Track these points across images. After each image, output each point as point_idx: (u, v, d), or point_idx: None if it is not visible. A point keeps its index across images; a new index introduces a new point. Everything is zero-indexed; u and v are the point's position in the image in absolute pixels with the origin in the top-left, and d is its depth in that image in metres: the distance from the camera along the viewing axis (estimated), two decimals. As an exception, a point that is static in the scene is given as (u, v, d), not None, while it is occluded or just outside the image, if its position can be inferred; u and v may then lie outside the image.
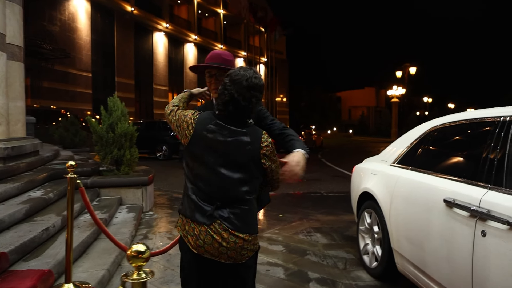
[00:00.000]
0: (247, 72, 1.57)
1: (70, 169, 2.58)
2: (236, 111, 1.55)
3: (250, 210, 1.56)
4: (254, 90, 1.56)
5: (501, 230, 1.68)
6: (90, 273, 2.91)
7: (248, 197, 1.55)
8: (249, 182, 1.55)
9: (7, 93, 5.22)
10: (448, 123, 2.56)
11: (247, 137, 1.55)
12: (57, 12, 18.64)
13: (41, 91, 17.33)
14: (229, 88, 1.54)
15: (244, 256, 1.53)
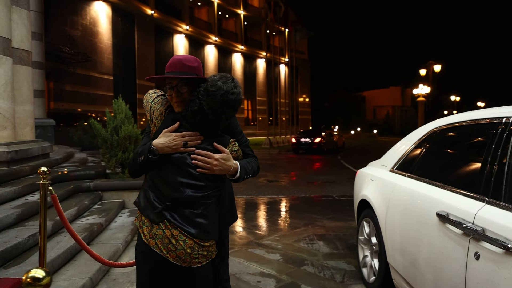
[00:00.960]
0: (225, 85, 1.48)
1: (42, 175, 2.48)
2: (203, 123, 1.51)
3: (205, 215, 1.51)
4: (227, 107, 1.49)
5: (495, 254, 1.43)
6: (71, 281, 2.82)
7: (203, 201, 1.51)
8: (206, 188, 1.52)
9: (13, 97, 5.27)
10: (448, 125, 2.30)
11: (211, 147, 1.54)
12: (78, 17, 19.12)
13: (64, 94, 17.80)
14: (202, 98, 1.48)
15: (194, 261, 1.48)
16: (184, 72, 1.61)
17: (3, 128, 4.96)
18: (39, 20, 10.95)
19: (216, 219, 1.60)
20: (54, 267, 2.96)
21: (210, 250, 1.52)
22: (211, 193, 1.54)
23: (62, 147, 10.38)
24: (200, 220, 1.49)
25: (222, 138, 1.59)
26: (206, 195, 1.51)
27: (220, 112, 1.49)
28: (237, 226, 4.96)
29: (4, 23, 5.03)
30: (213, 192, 1.55)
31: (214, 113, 1.48)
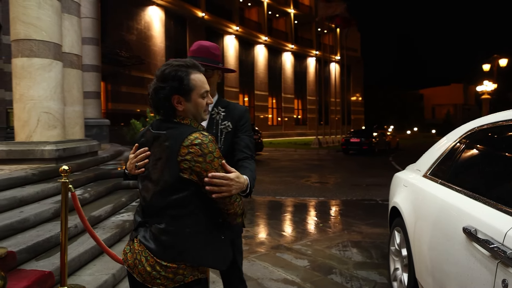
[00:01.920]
0: (163, 65, 1.44)
1: (63, 174, 2.56)
2: (151, 106, 1.42)
3: (172, 233, 1.29)
4: (156, 77, 1.39)
5: None
6: (95, 276, 2.91)
7: (168, 214, 1.31)
8: (169, 196, 1.30)
9: (63, 98, 5.62)
10: (488, 124, 2.00)
11: (165, 138, 1.34)
12: (134, 22, 20.16)
13: (120, 95, 18.88)
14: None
15: (156, 282, 1.29)
16: (211, 59, 1.79)
17: (53, 127, 5.30)
18: (96, 26, 11.67)
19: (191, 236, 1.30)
20: (81, 262, 3.07)
21: (180, 273, 1.29)
22: (182, 204, 1.30)
23: (114, 146, 10.96)
24: (163, 236, 1.29)
25: (179, 129, 1.34)
26: (174, 205, 1.30)
27: (151, 86, 1.39)
28: (268, 229, 4.85)
29: (55, 30, 5.37)
30: (184, 202, 1.30)
31: (149, 88, 1.40)
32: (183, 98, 1.36)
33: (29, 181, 4.16)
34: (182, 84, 1.35)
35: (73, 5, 6.52)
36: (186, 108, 1.38)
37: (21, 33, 5.09)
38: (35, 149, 4.98)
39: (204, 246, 1.32)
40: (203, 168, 1.27)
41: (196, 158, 1.26)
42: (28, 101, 5.10)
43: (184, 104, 1.37)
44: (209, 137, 1.30)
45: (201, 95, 1.40)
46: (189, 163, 1.26)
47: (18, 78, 5.13)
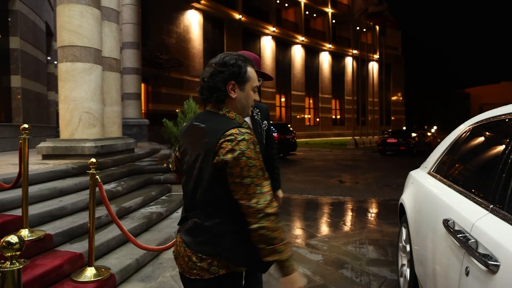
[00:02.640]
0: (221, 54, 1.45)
1: (91, 166, 2.87)
2: (200, 89, 1.41)
3: (207, 228, 1.30)
4: (214, 63, 1.39)
5: (481, 272, 1.25)
6: (120, 260, 3.20)
7: (205, 210, 1.31)
8: (202, 193, 1.31)
9: (102, 99, 6.08)
10: (482, 121, 2.03)
11: (204, 133, 1.32)
12: (173, 25, 20.96)
13: (160, 97, 19.71)
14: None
15: (192, 272, 1.31)
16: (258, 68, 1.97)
17: (92, 126, 5.76)
18: (137, 31, 12.33)
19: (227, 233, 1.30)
20: (110, 247, 3.39)
21: (215, 265, 1.29)
22: (216, 202, 1.31)
23: (152, 144, 11.54)
24: (199, 231, 1.32)
25: (220, 122, 1.33)
26: (208, 202, 1.32)
27: (208, 70, 1.39)
28: (288, 224, 4.98)
29: (96, 36, 5.84)
30: (218, 200, 1.31)
31: (204, 72, 1.40)
32: (237, 86, 1.38)
33: (69, 174, 4.59)
34: (240, 72, 1.37)
35: (113, 12, 7.02)
36: (238, 97, 1.38)
37: (65, 40, 5.59)
38: (76, 146, 5.45)
39: (239, 246, 1.30)
40: (231, 163, 1.23)
41: (227, 153, 1.24)
42: (71, 102, 5.59)
43: (238, 92, 1.38)
44: (248, 135, 1.27)
45: (253, 88, 1.43)
46: (223, 158, 1.24)
47: (62, 81, 5.64)
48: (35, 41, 9.47)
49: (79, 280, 2.72)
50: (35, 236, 2.91)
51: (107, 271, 2.88)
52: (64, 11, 5.58)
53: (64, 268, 2.79)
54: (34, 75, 9.38)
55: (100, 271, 2.84)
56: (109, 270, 2.91)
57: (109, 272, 2.89)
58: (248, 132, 1.28)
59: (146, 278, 3.12)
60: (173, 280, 3.09)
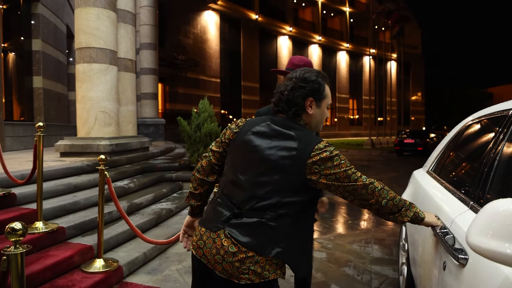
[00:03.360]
0: (301, 69, 1.48)
1: (101, 162, 3.00)
2: (276, 99, 1.45)
3: (272, 228, 1.28)
4: (294, 78, 1.43)
5: (454, 265, 1.28)
6: (129, 253, 3.34)
7: (273, 211, 1.29)
8: (280, 195, 1.30)
9: (117, 99, 6.28)
10: (475, 119, 2.04)
11: (293, 141, 1.33)
12: (191, 26, 21.25)
13: (177, 96, 20.02)
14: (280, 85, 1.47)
15: (243, 275, 1.26)
16: None
17: (108, 125, 5.96)
18: (154, 32, 12.59)
19: (291, 236, 1.31)
20: (119, 241, 3.53)
21: (267, 268, 1.27)
22: (288, 205, 1.31)
23: (168, 143, 11.76)
24: (266, 233, 1.28)
25: (308, 134, 1.37)
26: (281, 205, 1.30)
27: (287, 83, 1.42)
28: (297, 223, 5.02)
29: (112, 38, 6.03)
30: (292, 203, 1.31)
31: (283, 86, 1.43)
32: (315, 102, 1.41)
33: (84, 171, 4.78)
34: (319, 89, 1.42)
35: (128, 15, 7.23)
36: (314, 113, 1.43)
37: (83, 42, 5.81)
38: (92, 144, 5.66)
39: (295, 249, 1.32)
40: (333, 170, 1.29)
41: (325, 163, 1.28)
42: (87, 102, 5.80)
43: (314, 109, 1.42)
44: (333, 146, 1.34)
45: (328, 105, 1.48)
46: (319, 168, 1.28)
47: (80, 81, 5.86)
48: (56, 43, 9.82)
49: (88, 271, 2.86)
50: (48, 229, 3.07)
51: (115, 263, 3.01)
52: (81, 14, 5.79)
53: (74, 259, 2.94)
54: (55, 75, 9.73)
55: (108, 262, 2.98)
56: (117, 262, 3.05)
57: (117, 264, 3.02)
58: (330, 143, 1.36)
59: (153, 271, 3.25)
60: (178, 273, 3.20)
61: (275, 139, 1.36)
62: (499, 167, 1.36)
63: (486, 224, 0.74)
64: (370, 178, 1.35)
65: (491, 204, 0.76)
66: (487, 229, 0.73)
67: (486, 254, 0.73)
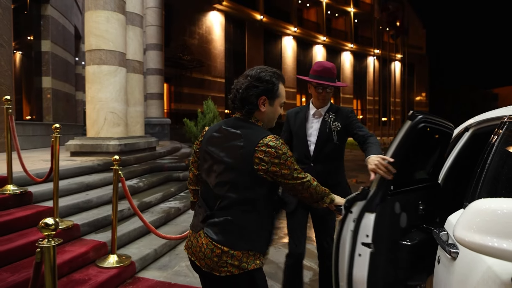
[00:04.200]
0: (259, 67, 1.56)
1: (115, 162, 3.14)
2: (232, 98, 1.54)
3: (239, 226, 1.42)
4: (249, 76, 1.51)
5: (447, 259, 1.38)
6: (140, 250, 3.48)
7: (241, 208, 1.43)
8: (238, 192, 1.43)
9: (126, 100, 6.42)
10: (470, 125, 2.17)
11: (240, 140, 1.44)
12: (196, 27, 21.41)
13: (182, 96, 20.19)
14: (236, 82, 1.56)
15: (222, 269, 1.39)
16: (333, 79, 2.36)
17: (116, 125, 6.11)
18: (160, 33, 12.74)
19: (256, 230, 1.45)
20: (131, 238, 3.67)
21: (244, 261, 1.40)
22: (251, 200, 1.43)
23: (174, 143, 11.90)
24: (236, 229, 1.42)
25: (254, 131, 1.47)
26: (243, 200, 1.42)
27: (242, 82, 1.50)
28: (302, 222, 5.14)
29: (121, 40, 6.18)
30: (253, 198, 1.43)
31: (238, 83, 1.52)
32: (268, 101, 1.51)
33: (95, 170, 4.92)
34: (273, 89, 1.50)
35: (137, 17, 7.38)
36: (266, 111, 1.52)
37: (93, 44, 5.96)
38: (101, 144, 5.80)
39: (262, 241, 1.47)
40: (278, 168, 1.41)
41: (272, 159, 1.39)
42: (97, 103, 5.95)
43: (267, 107, 1.51)
44: (281, 140, 1.43)
45: (281, 104, 1.57)
46: (266, 165, 1.39)
47: (90, 82, 6.01)
48: (65, 43, 10.00)
49: (103, 266, 3.00)
50: (64, 225, 3.22)
51: (128, 259, 3.15)
52: (91, 17, 5.94)
53: (89, 255, 3.08)
54: (63, 76, 9.91)
55: (122, 258, 3.12)
56: (130, 258, 3.19)
57: (130, 259, 3.16)
58: (278, 136, 1.47)
59: (163, 267, 3.38)
60: (188, 269, 3.34)
61: (226, 141, 1.47)
62: (489, 169, 1.48)
63: (470, 220, 0.86)
64: (306, 174, 1.52)
65: (475, 203, 0.88)
66: (471, 225, 0.85)
67: (470, 246, 0.85)
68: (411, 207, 1.77)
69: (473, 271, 1.10)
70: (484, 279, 1.00)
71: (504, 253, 0.77)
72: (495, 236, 0.78)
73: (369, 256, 1.59)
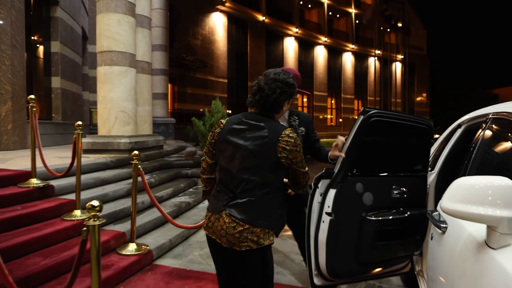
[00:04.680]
0: (277, 70, 1.79)
1: (135, 157, 3.36)
2: (261, 99, 1.72)
3: (259, 203, 1.63)
4: (279, 82, 1.71)
5: (437, 234, 1.62)
6: (156, 240, 3.70)
7: (263, 190, 1.64)
8: (262, 175, 1.64)
9: (136, 99, 6.66)
10: (463, 122, 2.39)
11: (264, 131, 1.66)
12: (199, 28, 21.65)
13: (185, 96, 20.43)
14: (259, 79, 1.76)
15: (243, 244, 1.60)
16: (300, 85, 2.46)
17: (127, 124, 6.33)
18: (164, 34, 12.98)
19: (273, 210, 1.68)
20: (146, 229, 3.89)
21: (261, 237, 1.61)
22: (269, 183, 1.65)
23: (179, 142, 12.15)
24: (255, 208, 1.63)
25: (275, 123, 1.70)
26: (264, 183, 1.64)
27: (275, 86, 1.70)
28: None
29: (131, 42, 6.41)
30: (272, 181, 1.66)
31: (270, 88, 1.70)
32: (287, 102, 1.78)
33: (108, 166, 5.16)
34: (293, 92, 1.78)
35: (145, 20, 7.61)
36: (284, 110, 1.80)
37: (104, 46, 6.18)
38: (113, 142, 6.03)
39: (278, 218, 1.70)
40: (295, 156, 1.66)
41: (292, 148, 1.64)
42: (108, 102, 6.18)
43: (285, 107, 1.79)
44: (295, 133, 1.71)
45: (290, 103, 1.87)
46: (287, 152, 1.63)
47: (101, 83, 6.24)
48: (73, 44, 10.24)
49: (123, 253, 3.22)
50: (85, 216, 3.44)
51: (146, 247, 3.38)
52: (103, 19, 6.17)
53: (110, 243, 3.30)
54: (71, 76, 10.15)
55: (140, 247, 3.34)
56: (147, 247, 3.41)
57: (148, 248, 3.38)
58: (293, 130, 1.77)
59: (178, 256, 3.61)
60: (201, 258, 3.56)
61: (249, 131, 1.68)
62: (474, 160, 1.71)
63: (453, 194, 1.08)
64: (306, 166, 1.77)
65: (457, 180, 1.10)
66: (453, 197, 1.07)
67: (453, 213, 1.07)
68: (379, 189, 2.10)
69: (459, 239, 1.32)
70: (465, 244, 1.22)
71: (479, 216, 0.99)
72: (472, 204, 1.01)
73: (329, 223, 1.99)
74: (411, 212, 2.10)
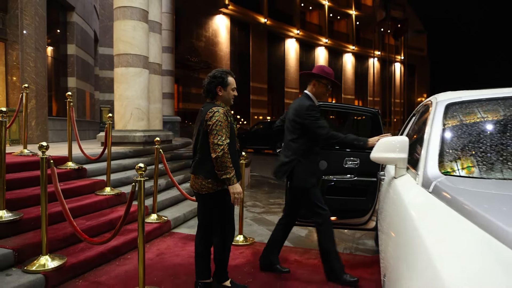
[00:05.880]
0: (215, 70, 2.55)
1: (156, 142, 4.06)
2: (204, 91, 2.53)
3: (201, 162, 2.42)
4: (209, 77, 2.48)
5: (381, 185, 2.31)
6: (172, 214, 4.40)
7: (202, 152, 2.41)
8: (200, 140, 2.43)
9: (148, 98, 7.35)
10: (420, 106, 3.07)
11: (203, 111, 2.44)
12: (203, 30, 22.39)
13: (190, 96, 21.16)
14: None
15: (203, 190, 2.42)
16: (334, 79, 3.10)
17: (141, 119, 7.03)
18: (171, 37, 13.69)
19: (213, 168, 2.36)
20: (164, 206, 4.59)
21: (210, 186, 2.39)
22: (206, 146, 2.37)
23: (184, 138, 12.84)
24: (200, 165, 2.43)
25: (210, 105, 2.42)
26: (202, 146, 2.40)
27: (206, 80, 2.49)
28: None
29: (145, 46, 7.11)
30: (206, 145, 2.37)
31: (208, 84, 2.48)
32: (222, 88, 2.46)
33: (127, 156, 5.85)
34: (223, 81, 2.46)
35: (156, 25, 8.31)
36: (223, 95, 2.47)
37: (121, 49, 6.88)
38: (128, 135, 6.72)
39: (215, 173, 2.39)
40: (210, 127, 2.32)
41: (209, 121, 2.33)
42: (124, 100, 6.87)
43: (222, 92, 2.46)
44: (223, 110, 2.36)
45: (232, 88, 2.51)
46: (206, 123, 2.37)
47: (118, 82, 6.94)
48: (86, 47, 10.97)
49: (147, 221, 3.92)
50: (114, 192, 4.14)
51: (165, 218, 4.07)
52: (120, 25, 6.87)
53: (135, 214, 3.98)
54: (85, 76, 10.88)
55: (160, 217, 4.04)
56: (166, 217, 4.11)
57: (166, 218, 4.08)
58: (222, 107, 2.38)
59: (191, 227, 4.30)
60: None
61: (199, 115, 2.46)
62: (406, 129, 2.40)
63: (378, 147, 1.76)
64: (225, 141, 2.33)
65: (381, 139, 1.78)
66: (378, 149, 1.75)
67: (377, 159, 1.75)
68: (333, 159, 2.97)
69: (388, 182, 2.00)
70: (388, 181, 1.91)
71: (390, 159, 1.67)
72: (387, 152, 1.69)
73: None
74: (358, 178, 2.82)
